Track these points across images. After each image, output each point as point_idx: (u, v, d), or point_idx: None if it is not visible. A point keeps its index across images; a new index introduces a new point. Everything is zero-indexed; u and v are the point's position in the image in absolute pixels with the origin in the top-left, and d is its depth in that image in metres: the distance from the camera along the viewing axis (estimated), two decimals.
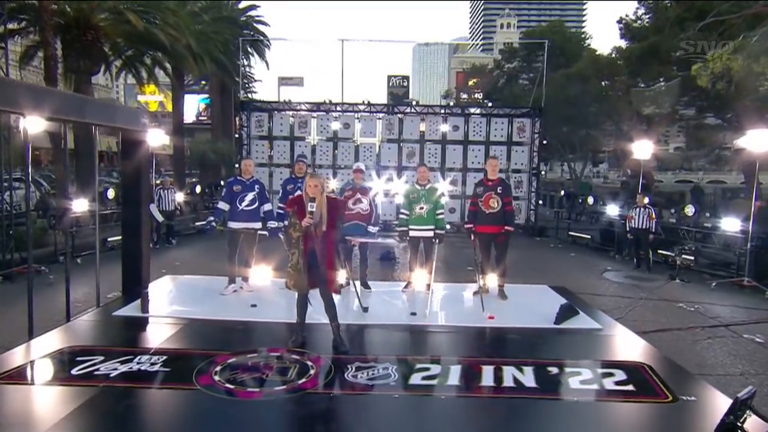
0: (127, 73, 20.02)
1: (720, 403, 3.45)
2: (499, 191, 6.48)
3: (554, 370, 4.09)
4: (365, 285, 6.73)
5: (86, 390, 3.52)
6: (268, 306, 5.85)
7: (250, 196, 6.49)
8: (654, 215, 10.79)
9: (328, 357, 4.27)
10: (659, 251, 11.19)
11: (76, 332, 4.90)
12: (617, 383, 3.84)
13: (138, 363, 4.00)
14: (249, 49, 25.97)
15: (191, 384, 3.68)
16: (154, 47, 15.23)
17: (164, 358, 4.12)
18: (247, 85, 31.58)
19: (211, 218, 6.61)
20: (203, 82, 31.79)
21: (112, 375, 3.77)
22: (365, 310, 5.60)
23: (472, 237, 6.64)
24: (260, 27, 27.66)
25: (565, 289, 7.21)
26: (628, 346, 4.90)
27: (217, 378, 3.79)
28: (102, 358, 4.06)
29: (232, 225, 6.48)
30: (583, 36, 32.59)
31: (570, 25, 40.81)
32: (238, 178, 6.62)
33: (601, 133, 27.61)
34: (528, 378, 3.92)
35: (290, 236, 4.45)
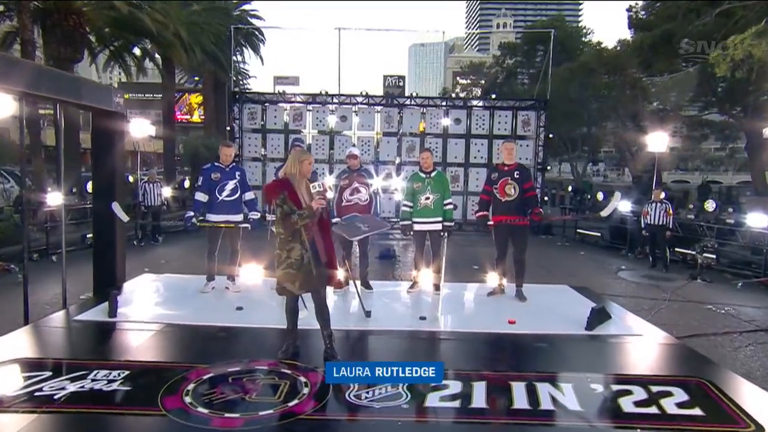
0: (114, 65, 19.26)
1: None
2: (516, 176, 5.76)
3: (598, 387, 3.38)
4: (366, 285, 6.01)
5: (18, 419, 2.78)
6: (256, 309, 5.12)
7: (230, 184, 5.72)
8: (671, 211, 10.15)
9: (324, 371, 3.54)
10: (676, 249, 10.54)
11: (27, 340, 4.14)
12: (679, 405, 3.13)
13: (93, 380, 3.26)
14: (242, 42, 25.19)
15: (155, 408, 2.95)
16: (140, 34, 14.45)
17: (126, 373, 3.38)
18: (241, 81, 30.76)
19: (190, 213, 5.72)
20: (197, 78, 30.93)
21: (56, 397, 3.03)
22: (368, 314, 4.87)
23: (490, 224, 5.92)
24: (255, 21, 26.96)
25: (587, 290, 6.53)
26: (678, 356, 4.19)
27: (188, 400, 3.06)
28: (49, 373, 3.33)
29: (212, 218, 5.71)
30: (584, 31, 31.91)
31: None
32: (216, 164, 5.81)
33: (601, 131, 27.00)
34: (569, 398, 3.21)
35: (291, 226, 3.62)
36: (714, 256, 9.77)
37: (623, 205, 12.32)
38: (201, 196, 5.71)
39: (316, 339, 3.98)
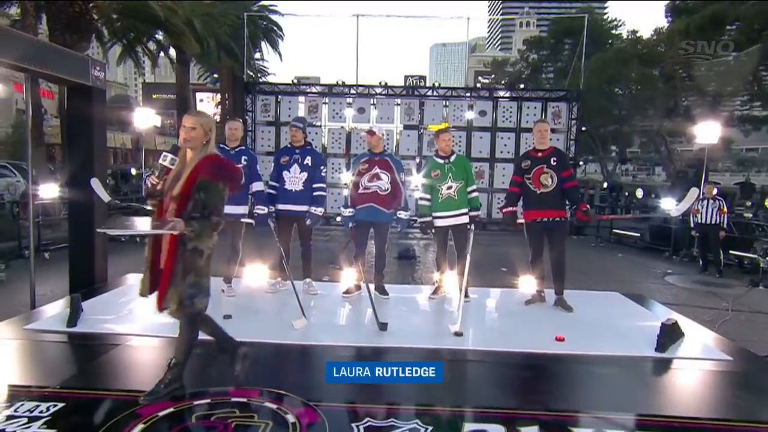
0: (128, 59, 18.80)
1: None
2: (553, 163, 4.82)
3: None
4: (381, 290, 5.12)
5: None
6: (247, 318, 4.26)
7: None
8: (725, 208, 9.06)
9: (321, 407, 2.67)
10: (731, 251, 9.43)
11: None
12: None
13: (9, 417, 2.42)
14: (261, 36, 24.57)
15: None
16: (149, 21, 13.81)
17: (58, 407, 2.55)
18: (260, 79, 30.24)
19: None
20: (215, 75, 30.52)
21: None
22: (383, 327, 3.97)
23: (520, 222, 5.01)
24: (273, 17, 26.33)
25: (643, 297, 5.56)
26: None
27: None
28: None
29: None
30: (614, 23, 30.50)
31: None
32: (221, 146, 5.00)
33: (633, 127, 25.64)
34: None
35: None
36: None
37: (668, 203, 11.20)
38: None
39: (314, 361, 3.10)
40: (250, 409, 2.66)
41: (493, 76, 43.01)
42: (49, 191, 8.44)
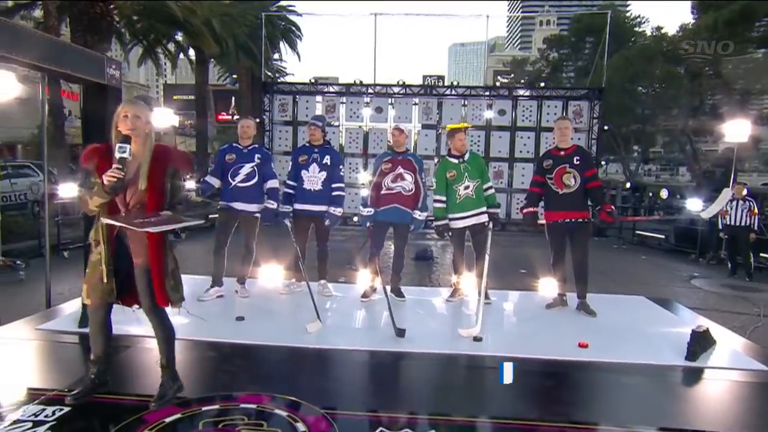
0: (148, 61, 19.01)
1: None
2: (576, 162, 4.66)
3: None
4: (397, 292, 5.00)
5: None
6: (261, 319, 4.19)
7: (246, 168, 4.83)
8: (756, 209, 8.73)
9: (333, 415, 2.57)
10: (761, 254, 9.10)
11: None
12: None
13: (14, 423, 2.37)
14: (279, 36, 24.63)
15: None
16: (167, 22, 13.91)
17: (64, 411, 2.49)
18: (279, 79, 30.38)
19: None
20: (234, 76, 30.74)
21: None
22: (400, 333, 3.83)
23: (541, 223, 4.87)
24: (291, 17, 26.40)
25: (670, 302, 5.35)
26: None
27: None
28: None
29: (224, 206, 4.90)
30: (637, 20, 29.88)
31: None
32: (234, 145, 4.99)
33: (657, 127, 25.06)
34: None
35: (85, 208, 2.53)
36: None
37: (694, 204, 10.86)
38: (212, 180, 4.91)
39: (327, 366, 3.01)
40: (260, 416, 2.57)
41: (512, 75, 42.50)
42: (69, 190, 8.53)
